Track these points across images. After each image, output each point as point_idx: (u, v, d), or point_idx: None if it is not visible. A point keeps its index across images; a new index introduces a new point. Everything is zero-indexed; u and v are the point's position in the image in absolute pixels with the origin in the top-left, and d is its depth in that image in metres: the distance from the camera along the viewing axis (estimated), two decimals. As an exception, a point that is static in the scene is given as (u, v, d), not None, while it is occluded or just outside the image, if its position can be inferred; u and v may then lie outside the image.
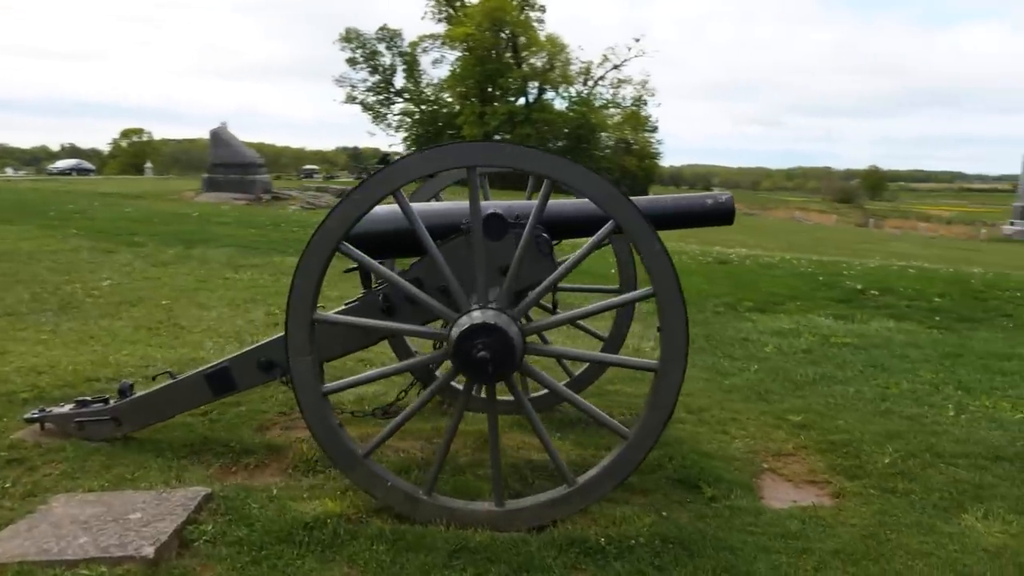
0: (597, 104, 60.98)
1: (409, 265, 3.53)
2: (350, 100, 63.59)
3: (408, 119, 63.48)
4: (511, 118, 55.82)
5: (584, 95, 60.93)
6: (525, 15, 59.63)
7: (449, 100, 61.84)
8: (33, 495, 3.29)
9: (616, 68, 61.04)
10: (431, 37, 61.43)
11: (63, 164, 56.15)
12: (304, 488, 3.49)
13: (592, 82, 61.89)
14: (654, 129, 62.27)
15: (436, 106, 63.05)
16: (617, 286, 4.80)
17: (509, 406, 3.89)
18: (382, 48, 62.63)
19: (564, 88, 60.68)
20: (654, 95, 64.13)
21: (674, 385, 3.07)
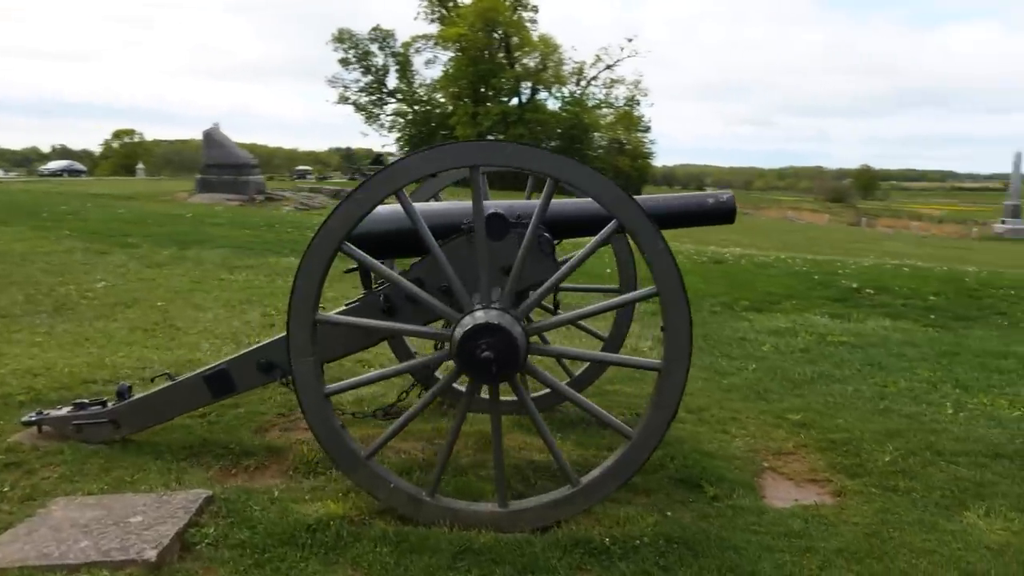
0: (590, 104, 61.08)
1: (409, 266, 3.52)
2: (343, 101, 63.61)
3: (401, 120, 63.51)
4: (504, 118, 55.83)
5: (577, 95, 61.02)
6: (518, 15, 59.66)
7: (442, 100, 61.85)
8: (32, 499, 3.26)
9: (609, 68, 61.19)
10: (424, 37, 61.50)
11: (54, 165, 55.98)
12: (305, 490, 3.47)
13: (585, 82, 62.01)
14: (647, 129, 62.45)
15: (429, 106, 63.04)
16: (617, 286, 4.80)
17: (511, 406, 3.87)
18: (375, 48, 62.66)
19: (557, 88, 60.85)
20: (647, 95, 64.21)
21: (678, 384, 3.06)
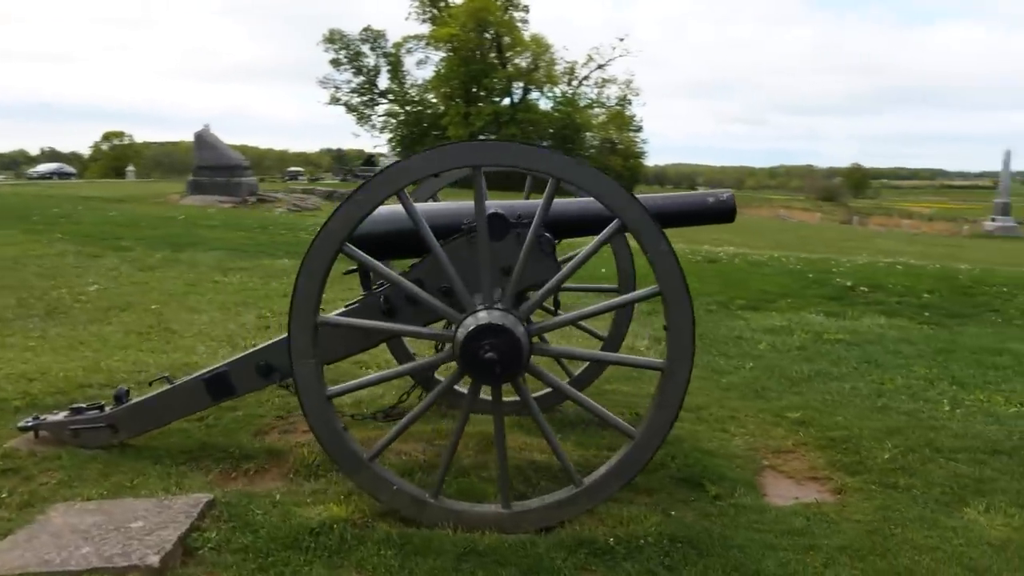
0: (582, 104, 61.11)
1: (409, 267, 3.50)
2: (334, 101, 63.40)
3: (393, 120, 63.36)
4: (496, 118, 55.81)
5: (569, 95, 61.03)
6: (509, 15, 59.62)
7: (434, 101, 61.72)
8: (30, 505, 3.22)
9: (600, 68, 61.23)
10: (415, 38, 61.37)
11: (44, 168, 55.60)
12: (307, 493, 3.45)
13: (577, 82, 62.04)
14: (639, 128, 62.49)
15: (421, 107, 62.91)
16: (615, 285, 4.80)
17: (512, 407, 3.86)
18: (366, 49, 62.48)
19: (549, 88, 60.82)
20: (638, 95, 64.43)
21: (681, 384, 3.06)
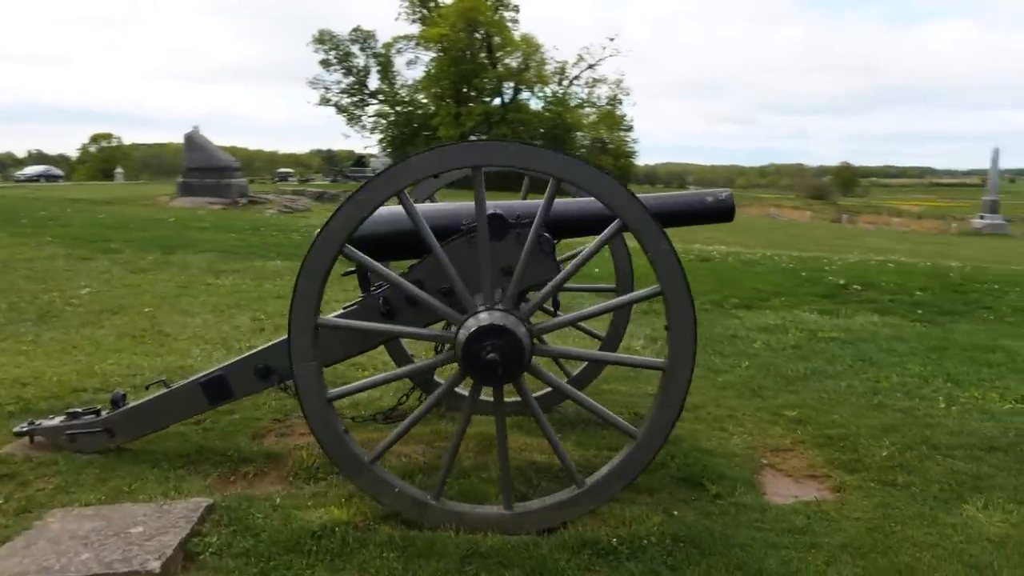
0: (572, 104, 61.31)
1: (408, 268, 3.49)
2: (324, 102, 63.33)
3: (383, 121, 63.33)
4: (487, 118, 55.85)
5: (559, 95, 61.20)
6: (499, 15, 59.70)
7: (424, 101, 61.70)
8: (28, 511, 3.19)
9: (591, 68, 61.47)
10: (405, 38, 61.38)
11: (31, 170, 55.29)
12: (307, 496, 3.43)
13: (567, 82, 62.22)
14: (629, 128, 62.80)
15: (411, 107, 62.88)
16: (613, 285, 4.80)
17: (513, 407, 3.85)
18: (356, 49, 62.42)
19: (539, 88, 60.96)
20: (629, 94, 64.67)
21: (682, 384, 3.05)
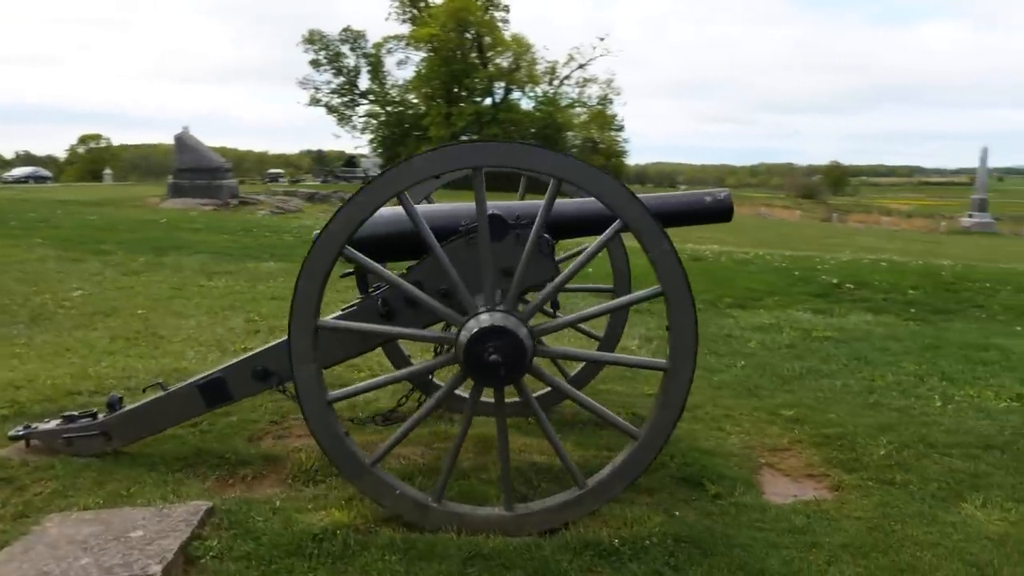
0: (563, 103, 61.37)
1: (407, 269, 3.47)
2: (314, 103, 63.22)
3: (373, 121, 63.27)
4: (478, 118, 55.86)
5: (550, 95, 61.25)
6: (490, 15, 59.71)
7: (415, 101, 61.67)
8: (25, 516, 3.16)
9: (581, 67, 61.53)
10: (395, 38, 61.36)
11: (19, 172, 54.85)
12: (307, 498, 3.41)
13: (558, 82, 62.28)
14: (620, 128, 62.94)
15: (402, 107, 62.83)
16: (611, 285, 4.80)
17: (513, 408, 3.84)
18: (346, 50, 62.33)
19: (530, 88, 61.04)
20: (619, 94, 64.93)
21: (684, 384, 3.05)
